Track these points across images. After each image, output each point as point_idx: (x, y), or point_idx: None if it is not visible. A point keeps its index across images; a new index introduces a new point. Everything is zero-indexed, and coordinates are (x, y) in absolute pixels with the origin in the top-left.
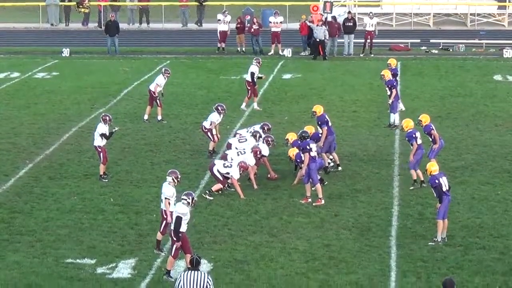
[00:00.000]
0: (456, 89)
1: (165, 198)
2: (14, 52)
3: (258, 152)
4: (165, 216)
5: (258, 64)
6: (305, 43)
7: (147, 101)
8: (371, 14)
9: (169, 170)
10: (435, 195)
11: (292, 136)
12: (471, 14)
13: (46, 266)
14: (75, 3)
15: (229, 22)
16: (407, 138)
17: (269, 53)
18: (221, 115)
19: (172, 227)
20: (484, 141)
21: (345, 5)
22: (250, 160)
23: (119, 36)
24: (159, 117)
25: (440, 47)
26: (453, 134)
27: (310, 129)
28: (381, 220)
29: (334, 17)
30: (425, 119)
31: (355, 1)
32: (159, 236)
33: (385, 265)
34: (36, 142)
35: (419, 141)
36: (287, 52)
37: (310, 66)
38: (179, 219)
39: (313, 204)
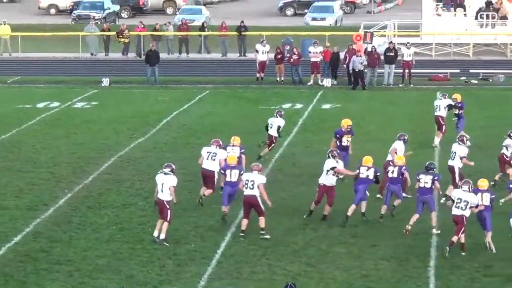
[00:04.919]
0: (496, 119)
1: None
2: (53, 81)
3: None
4: None
5: (444, 98)
6: (327, 70)
7: (188, 132)
8: (408, 44)
9: None
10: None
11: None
12: (511, 44)
13: None
14: (115, 33)
15: (268, 52)
16: None
17: (309, 83)
18: None
19: None
20: None
21: (384, 35)
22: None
23: (159, 65)
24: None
25: (480, 77)
26: (492, 165)
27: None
28: (421, 249)
29: (374, 47)
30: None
31: (394, 31)
32: None
33: None
34: (75, 172)
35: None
36: (327, 82)
37: (350, 96)
38: None
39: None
